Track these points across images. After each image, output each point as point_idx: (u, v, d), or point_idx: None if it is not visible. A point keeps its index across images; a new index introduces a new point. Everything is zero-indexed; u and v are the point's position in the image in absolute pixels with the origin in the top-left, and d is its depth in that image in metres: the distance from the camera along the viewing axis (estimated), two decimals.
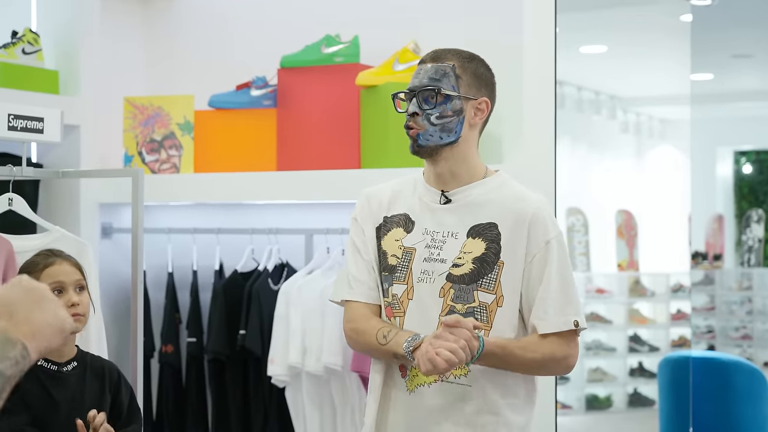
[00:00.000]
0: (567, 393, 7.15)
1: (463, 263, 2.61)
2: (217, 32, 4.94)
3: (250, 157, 4.47)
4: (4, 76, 4.31)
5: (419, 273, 2.64)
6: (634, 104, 7.74)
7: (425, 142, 2.63)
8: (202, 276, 4.69)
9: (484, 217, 2.64)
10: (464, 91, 2.64)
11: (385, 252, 2.69)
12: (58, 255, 3.01)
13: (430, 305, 2.62)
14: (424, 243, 2.66)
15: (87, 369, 2.98)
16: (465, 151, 2.67)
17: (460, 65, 2.66)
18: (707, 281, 7.73)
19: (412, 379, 2.64)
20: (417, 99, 2.63)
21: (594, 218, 7.58)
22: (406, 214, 2.71)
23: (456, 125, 2.63)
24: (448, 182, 2.68)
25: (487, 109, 2.69)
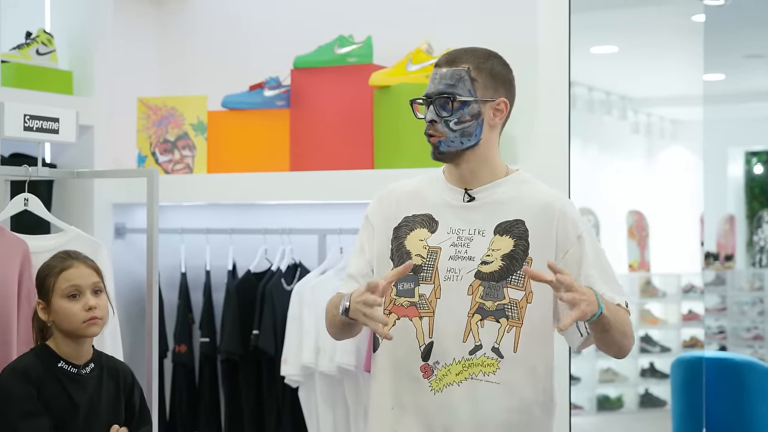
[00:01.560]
0: (578, 393, 7.13)
1: (492, 260, 2.59)
2: (230, 33, 4.94)
3: (263, 157, 4.47)
4: (19, 76, 4.32)
5: (446, 271, 2.61)
6: (645, 105, 7.73)
7: (447, 148, 2.61)
8: (215, 276, 4.70)
9: (511, 214, 2.63)
10: (481, 94, 2.61)
11: (409, 252, 2.65)
12: (75, 257, 2.99)
13: (458, 303, 2.59)
14: (449, 242, 2.63)
15: (104, 370, 2.99)
16: (486, 152, 2.66)
17: (475, 67, 2.62)
18: (719, 282, 7.71)
19: (440, 378, 2.59)
20: (434, 106, 2.61)
21: (605, 219, 7.57)
22: (429, 214, 2.68)
23: (475, 129, 2.61)
24: (470, 182, 2.67)
25: (506, 109, 2.66)
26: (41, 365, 2.89)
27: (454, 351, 2.58)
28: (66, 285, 2.91)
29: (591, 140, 7.77)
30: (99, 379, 2.95)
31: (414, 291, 2.64)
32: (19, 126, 3.38)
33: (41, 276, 2.98)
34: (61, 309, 2.90)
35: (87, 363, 2.95)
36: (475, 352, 2.57)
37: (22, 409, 2.81)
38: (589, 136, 7.69)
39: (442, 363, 2.58)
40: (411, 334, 2.63)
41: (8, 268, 3.28)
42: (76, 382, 2.91)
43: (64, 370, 2.90)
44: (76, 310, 2.89)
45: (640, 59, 6.92)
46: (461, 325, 2.58)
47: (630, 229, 7.55)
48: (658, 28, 6.35)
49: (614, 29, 6.50)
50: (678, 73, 6.62)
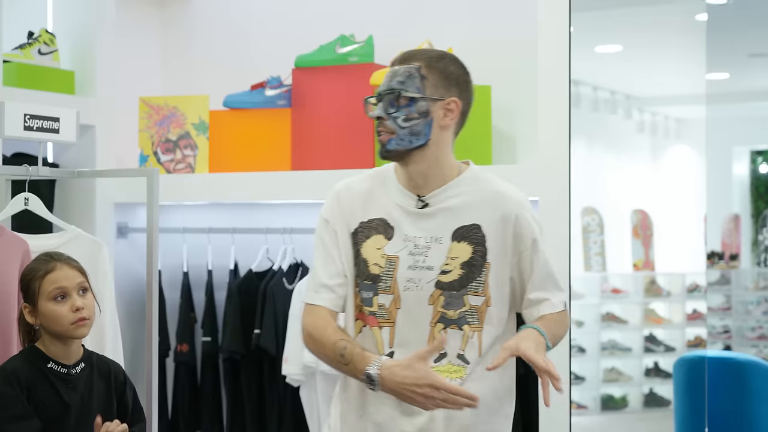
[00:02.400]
0: (582, 393, 7.13)
1: (451, 269, 2.58)
2: (231, 32, 4.95)
3: (265, 156, 4.48)
4: (21, 76, 4.32)
5: (405, 282, 2.58)
6: (649, 104, 7.71)
7: (395, 146, 2.57)
8: (217, 275, 4.71)
9: (467, 219, 2.60)
10: (430, 92, 2.57)
11: (366, 260, 2.62)
12: (58, 259, 2.97)
13: (419, 314, 2.58)
14: (407, 250, 2.60)
15: (94, 369, 2.98)
16: (436, 153, 2.61)
17: (426, 65, 2.58)
18: (723, 281, 7.70)
19: None
20: (383, 103, 2.58)
21: (609, 218, 7.56)
22: (383, 218, 2.63)
23: (424, 127, 2.57)
24: (421, 185, 2.62)
25: (457, 109, 2.60)
26: (30, 367, 2.89)
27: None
28: (52, 287, 2.90)
29: (596, 139, 7.76)
30: (89, 379, 2.95)
31: (372, 300, 2.61)
32: (20, 125, 3.39)
33: (25, 280, 2.97)
34: (49, 312, 2.90)
35: (77, 363, 2.95)
36: (440, 360, 2.57)
37: (10, 412, 2.81)
38: (594, 135, 7.69)
39: None
40: (372, 343, 2.60)
41: (9, 267, 3.29)
42: (66, 382, 2.91)
43: (53, 371, 2.90)
44: (64, 312, 2.89)
45: (644, 58, 6.91)
46: (424, 334, 2.57)
47: (634, 228, 7.54)
48: (662, 27, 6.34)
49: (618, 28, 6.49)
50: (683, 72, 6.61)
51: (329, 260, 2.65)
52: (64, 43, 4.62)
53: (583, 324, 7.19)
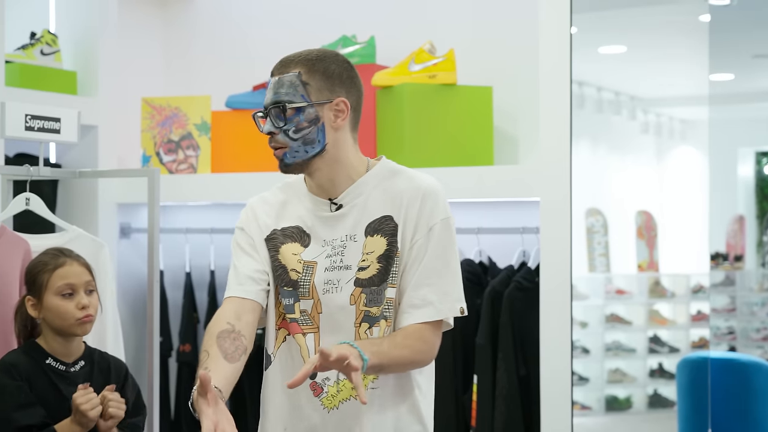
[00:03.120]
0: (586, 394, 7.12)
1: (368, 265, 2.50)
2: (234, 33, 4.95)
3: (267, 157, 4.38)
4: (23, 76, 4.33)
5: (323, 284, 2.51)
6: (654, 105, 7.70)
7: (292, 159, 2.51)
8: (219, 276, 4.71)
9: (378, 212, 2.53)
10: (315, 97, 2.49)
11: (285, 266, 2.54)
12: (68, 255, 2.98)
13: (342, 315, 2.50)
14: (324, 254, 2.53)
15: (94, 367, 2.99)
16: (337, 155, 2.53)
17: (306, 71, 2.49)
18: (728, 282, 7.69)
19: (333, 395, 2.50)
20: (270, 117, 2.50)
21: (614, 219, 7.55)
22: (299, 226, 2.57)
23: (317, 134, 2.50)
24: (331, 189, 2.56)
25: (347, 108, 2.52)
26: (29, 361, 2.90)
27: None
28: (61, 283, 2.91)
29: (600, 140, 7.76)
30: (89, 376, 2.96)
31: (294, 307, 2.53)
32: (21, 126, 3.40)
33: (32, 272, 2.97)
34: (55, 307, 2.91)
35: (77, 360, 2.96)
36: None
37: (14, 401, 2.82)
38: (598, 136, 7.68)
39: (333, 379, 2.49)
40: (296, 351, 2.52)
41: (10, 267, 3.30)
42: (65, 379, 2.92)
43: (52, 367, 2.91)
44: (70, 308, 2.90)
45: (648, 59, 6.90)
46: (349, 337, 2.48)
47: (639, 230, 7.54)
48: (667, 28, 6.34)
49: (622, 29, 6.49)
50: (687, 73, 6.60)
51: (248, 257, 2.57)
52: (67, 43, 4.63)
53: (587, 325, 7.19)
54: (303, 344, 2.51)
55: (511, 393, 3.99)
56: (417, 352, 2.49)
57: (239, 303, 2.50)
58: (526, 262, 4.19)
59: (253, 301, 2.52)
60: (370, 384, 2.49)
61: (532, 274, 4.08)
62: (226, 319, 2.45)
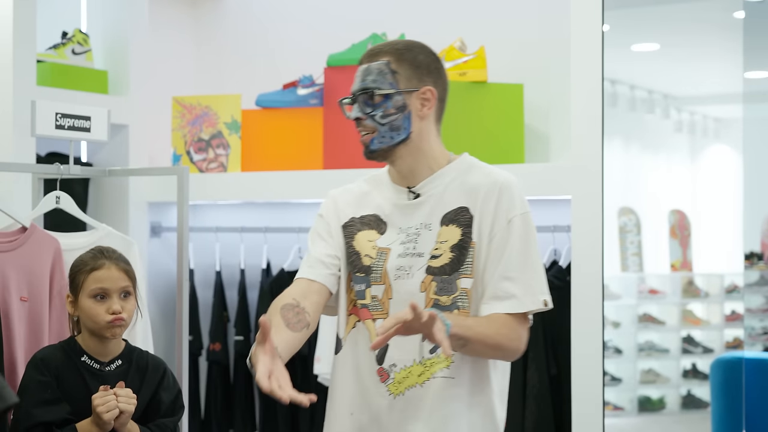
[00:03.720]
0: (619, 394, 7.08)
1: (441, 253, 2.53)
2: (264, 31, 4.95)
3: (297, 155, 4.47)
4: (54, 76, 4.35)
5: (395, 270, 2.54)
6: (687, 103, 7.64)
7: (378, 145, 2.56)
8: (249, 275, 4.71)
9: (455, 202, 2.56)
10: (404, 85, 2.55)
11: (359, 252, 2.59)
12: (108, 257, 2.96)
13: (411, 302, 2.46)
14: (398, 241, 2.57)
15: (131, 366, 2.98)
16: (420, 144, 2.58)
17: (395, 59, 2.55)
18: (763, 282, 7.62)
19: (399, 382, 2.52)
20: (358, 103, 2.57)
21: (647, 218, 7.50)
22: (376, 214, 2.62)
23: (403, 121, 2.55)
24: (411, 177, 2.60)
25: (433, 98, 2.57)
26: (63, 356, 2.91)
27: (414, 352, 2.50)
28: (94, 286, 2.91)
29: (633, 139, 7.71)
30: (125, 375, 2.93)
31: (365, 293, 2.57)
32: (51, 124, 3.41)
33: (73, 271, 2.98)
34: (87, 308, 2.91)
35: (113, 360, 2.95)
36: (435, 350, 2.50)
37: (39, 398, 2.83)
38: (631, 134, 7.64)
39: (400, 366, 2.52)
40: (365, 337, 2.55)
41: (40, 265, 3.32)
42: (98, 378, 2.91)
43: (86, 365, 2.91)
44: (101, 311, 2.89)
45: (682, 57, 6.85)
46: None
47: (672, 229, 7.48)
48: (700, 24, 6.29)
49: (654, 26, 6.44)
50: (721, 71, 6.55)
51: (323, 242, 2.63)
52: (98, 42, 4.64)
53: (620, 325, 7.14)
54: (372, 330, 2.54)
55: (542, 392, 3.97)
56: (504, 336, 2.48)
57: (307, 284, 2.55)
58: (558, 260, 4.17)
59: (320, 284, 2.56)
60: (444, 371, 2.50)
61: (564, 273, 4.05)
62: (292, 296, 2.51)
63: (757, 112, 6.60)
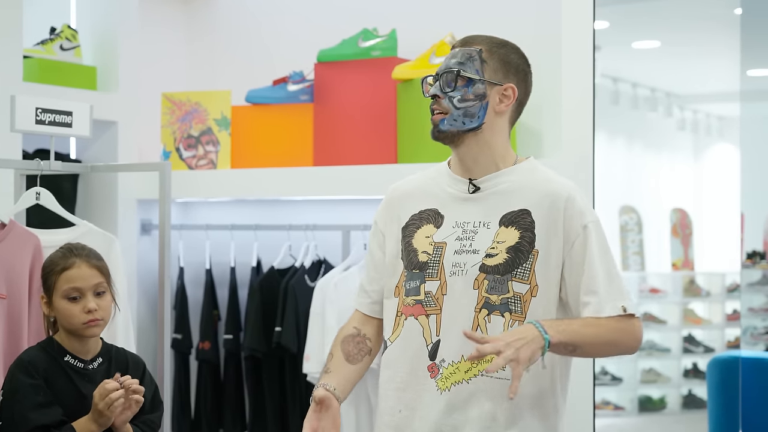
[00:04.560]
0: (620, 394, 7.04)
1: (496, 253, 2.52)
2: (254, 27, 4.92)
3: (287, 152, 4.44)
4: (42, 72, 4.32)
5: (451, 266, 2.55)
6: (690, 101, 7.60)
7: (448, 127, 2.56)
8: (239, 272, 4.67)
9: (516, 204, 2.56)
10: (489, 75, 2.56)
11: (416, 249, 2.60)
12: (78, 254, 2.90)
13: (465, 299, 2.53)
14: (455, 236, 2.57)
15: (112, 363, 2.95)
16: (489, 138, 2.58)
17: (488, 50, 2.57)
18: (765, 281, 7.57)
19: (446, 377, 2.53)
20: (440, 82, 2.57)
21: (648, 217, 7.46)
22: (435, 209, 2.63)
23: (479, 110, 2.55)
24: (473, 169, 2.60)
25: (513, 96, 2.58)
26: (47, 358, 2.87)
27: (463, 348, 2.48)
28: (66, 286, 2.86)
29: (635, 137, 7.67)
30: (107, 373, 2.91)
31: (420, 289, 2.58)
32: (31, 119, 3.37)
33: (45, 271, 2.94)
34: (62, 309, 2.87)
35: (95, 357, 2.92)
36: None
37: (32, 401, 2.79)
38: (634, 133, 7.60)
39: (448, 361, 2.52)
40: (418, 333, 2.57)
41: (20, 262, 3.28)
42: (83, 376, 2.88)
43: (70, 365, 2.88)
44: (76, 312, 2.85)
45: (683, 55, 6.81)
46: (469, 320, 2.51)
47: (674, 227, 7.44)
48: (700, 21, 6.24)
49: (655, 24, 6.39)
50: (723, 69, 6.49)
51: (372, 265, 2.73)
52: (87, 38, 4.61)
53: None
54: (426, 325, 2.56)
55: None
56: (614, 331, 2.47)
57: (364, 316, 2.74)
58: None
59: (377, 319, 2.72)
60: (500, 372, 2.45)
61: None
62: (354, 324, 2.73)
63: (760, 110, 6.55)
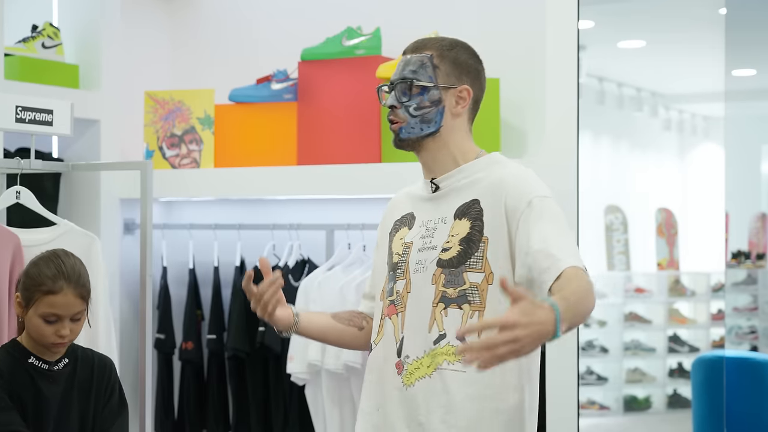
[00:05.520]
0: (605, 393, 7.05)
1: (450, 246, 2.57)
2: (237, 26, 4.90)
3: (271, 151, 4.42)
4: (24, 70, 4.28)
5: (414, 264, 2.61)
6: (676, 101, 7.61)
7: (407, 135, 2.61)
8: (223, 272, 4.65)
9: (468, 196, 2.59)
10: (442, 80, 2.60)
11: (392, 252, 2.69)
12: (68, 279, 2.83)
13: (424, 295, 2.57)
14: (419, 234, 2.64)
15: (78, 363, 2.93)
16: (447, 140, 2.63)
17: (438, 54, 2.61)
18: (750, 281, 7.58)
19: (411, 373, 2.57)
20: (395, 92, 2.62)
21: (634, 216, 7.46)
22: (411, 212, 2.71)
23: (436, 115, 2.61)
24: (435, 170, 2.65)
25: (469, 97, 2.63)
26: (11, 361, 2.85)
27: (423, 343, 2.55)
28: (47, 310, 2.81)
29: (622, 137, 7.68)
30: (72, 374, 2.90)
31: (393, 289, 2.65)
32: (11, 117, 3.35)
33: (29, 282, 2.86)
34: (35, 325, 2.83)
35: (60, 359, 2.90)
36: (440, 341, 2.54)
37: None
38: (620, 132, 7.60)
39: (412, 357, 2.57)
40: (392, 332, 2.63)
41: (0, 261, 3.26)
42: (47, 378, 2.86)
43: (34, 366, 2.86)
44: (48, 332, 2.82)
45: (668, 54, 6.81)
46: (427, 315, 2.56)
47: (659, 227, 7.45)
48: (685, 21, 6.24)
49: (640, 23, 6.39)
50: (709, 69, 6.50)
51: (372, 272, 2.81)
52: (69, 36, 4.58)
53: (606, 324, 7.11)
54: (396, 324, 2.62)
55: None
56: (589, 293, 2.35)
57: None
58: None
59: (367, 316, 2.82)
60: (456, 364, 2.51)
61: None
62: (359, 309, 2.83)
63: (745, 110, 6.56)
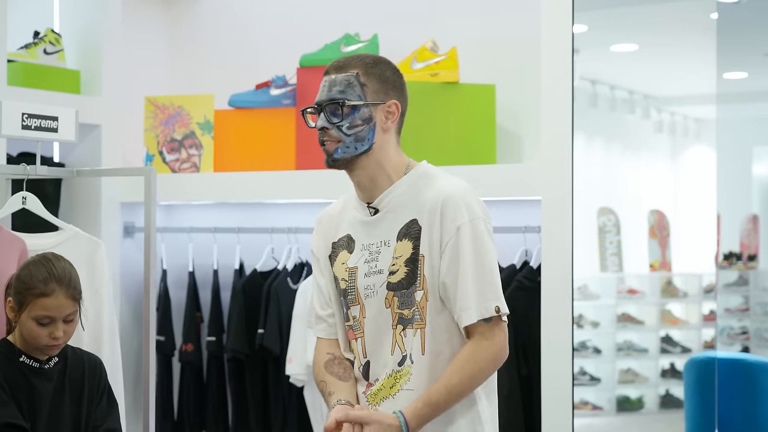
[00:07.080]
0: (598, 394, 7.08)
1: (397, 269, 2.60)
2: (237, 32, 4.95)
3: (270, 156, 4.47)
4: (26, 76, 4.33)
5: (364, 289, 2.64)
6: (668, 104, 7.65)
7: (342, 154, 2.62)
8: (222, 275, 4.70)
9: (407, 216, 2.62)
10: (371, 98, 2.62)
11: (337, 277, 2.70)
12: (59, 281, 2.90)
13: (381, 318, 2.62)
14: (363, 259, 2.65)
15: (68, 363, 2.98)
16: (380, 156, 2.64)
17: (363, 72, 2.63)
18: (741, 282, 7.64)
19: (374, 394, 2.63)
20: (325, 113, 2.63)
21: (626, 218, 7.51)
22: (348, 234, 2.70)
23: (368, 133, 2.62)
24: (371, 190, 2.66)
25: (397, 111, 2.66)
26: (3, 359, 2.91)
27: (388, 365, 2.61)
28: (40, 313, 2.87)
29: (614, 139, 7.72)
30: (63, 371, 2.96)
31: (348, 315, 2.69)
32: (18, 124, 3.38)
33: (21, 287, 2.92)
34: (28, 328, 2.88)
35: (51, 357, 2.95)
36: (403, 362, 2.60)
37: None
38: (612, 135, 7.64)
39: (381, 379, 2.62)
40: (358, 355, 2.68)
41: (6, 266, 3.28)
42: (39, 375, 2.92)
43: (26, 364, 2.91)
44: (42, 335, 2.87)
45: (661, 57, 6.86)
46: (389, 338, 2.60)
47: (651, 229, 7.49)
48: (677, 25, 6.29)
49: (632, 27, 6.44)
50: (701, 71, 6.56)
51: (319, 291, 2.76)
52: (71, 42, 4.63)
53: (599, 325, 7.15)
54: (356, 349, 2.66)
55: (512, 393, 3.97)
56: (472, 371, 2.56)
57: (327, 341, 2.75)
58: (529, 261, 4.17)
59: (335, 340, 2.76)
60: (405, 384, 2.59)
61: (535, 274, 4.05)
62: (326, 351, 2.72)
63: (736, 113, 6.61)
